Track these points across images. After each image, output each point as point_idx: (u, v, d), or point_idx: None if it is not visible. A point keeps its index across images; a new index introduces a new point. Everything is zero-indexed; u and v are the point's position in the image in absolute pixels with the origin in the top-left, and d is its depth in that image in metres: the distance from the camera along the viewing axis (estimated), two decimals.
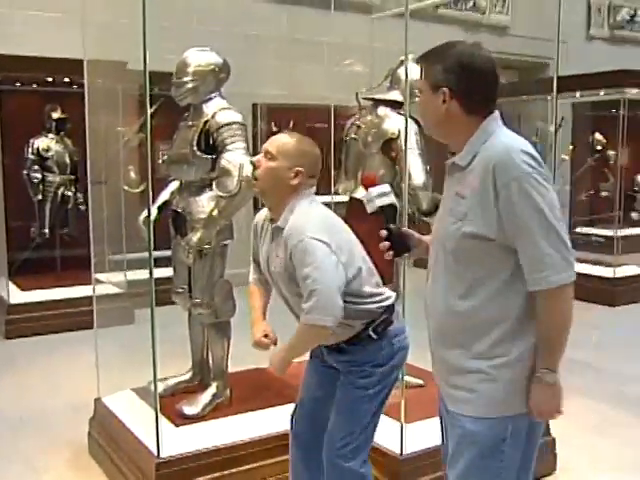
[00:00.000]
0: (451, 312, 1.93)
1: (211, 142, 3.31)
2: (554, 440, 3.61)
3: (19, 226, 6.55)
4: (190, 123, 3.42)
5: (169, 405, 3.32)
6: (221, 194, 3.21)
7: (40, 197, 6.60)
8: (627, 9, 11.42)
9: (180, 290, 3.60)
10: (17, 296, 6.27)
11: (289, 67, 8.22)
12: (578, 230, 10.75)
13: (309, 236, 2.26)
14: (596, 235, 9.87)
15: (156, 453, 3.04)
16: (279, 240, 2.37)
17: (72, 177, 6.81)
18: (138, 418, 3.42)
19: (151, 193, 3.09)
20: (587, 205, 10.77)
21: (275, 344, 2.52)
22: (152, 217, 3.47)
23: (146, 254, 6.45)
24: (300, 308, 2.31)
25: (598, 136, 10.30)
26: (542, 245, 1.79)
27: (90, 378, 4.33)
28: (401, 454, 3.04)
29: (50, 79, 6.57)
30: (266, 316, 2.63)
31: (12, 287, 6.33)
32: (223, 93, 3.48)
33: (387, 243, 2.07)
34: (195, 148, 3.32)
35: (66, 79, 6.62)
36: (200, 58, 3.41)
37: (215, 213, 3.23)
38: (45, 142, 6.62)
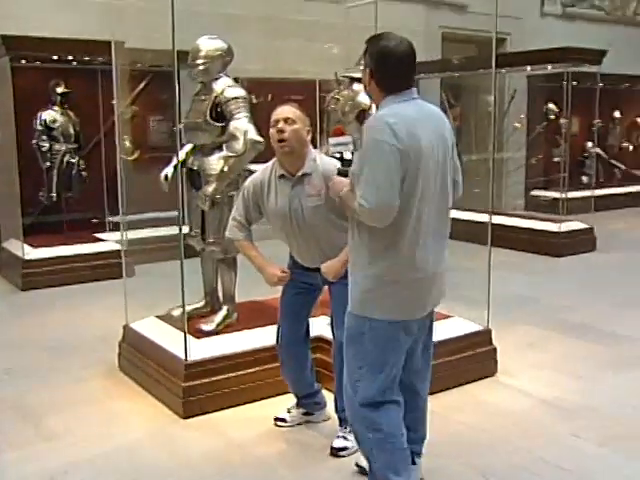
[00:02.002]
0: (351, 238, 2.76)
1: (220, 113, 4.12)
2: (495, 349, 4.51)
3: (29, 191, 7.20)
4: (202, 97, 4.21)
5: (189, 325, 4.14)
6: (230, 154, 4.03)
7: (48, 164, 7.31)
8: None
9: (194, 234, 4.41)
10: (30, 253, 7.00)
11: (268, 45, 8.97)
12: (533, 193, 11.77)
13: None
14: (545, 197, 10.87)
15: (184, 357, 3.90)
16: (309, 182, 3.20)
17: (75, 146, 7.54)
18: (164, 335, 4.27)
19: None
20: (541, 169, 11.68)
21: (291, 278, 3.40)
22: (170, 175, 4.30)
23: (141, 216, 7.23)
24: (330, 233, 3.22)
25: (551, 106, 11.21)
26: (362, 183, 2.49)
27: (106, 318, 5.41)
28: None
29: (55, 57, 7.23)
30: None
31: (25, 246, 7.06)
32: (228, 72, 4.28)
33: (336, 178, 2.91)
34: (208, 117, 4.13)
35: (69, 57, 7.34)
36: (210, 44, 4.21)
37: (226, 169, 4.04)
38: (51, 114, 7.31)
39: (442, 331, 4.32)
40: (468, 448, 3.49)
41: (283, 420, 3.76)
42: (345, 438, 3.44)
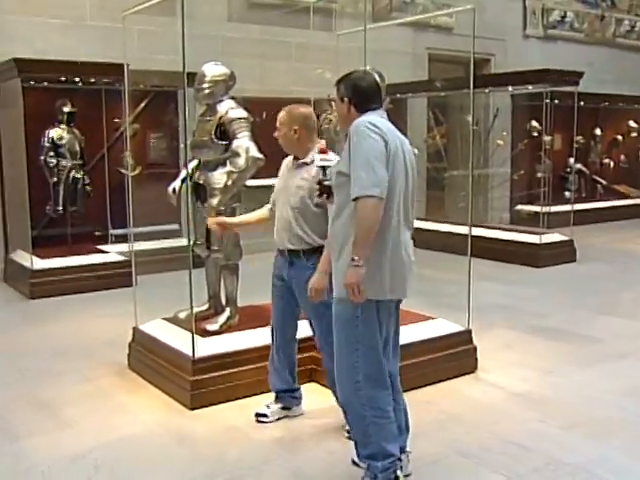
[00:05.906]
0: (331, 227, 3.15)
1: (224, 132, 4.54)
2: (475, 348, 4.92)
3: (36, 205, 7.57)
4: (208, 118, 4.62)
5: (195, 325, 4.53)
6: (233, 169, 4.45)
7: (55, 179, 7.73)
8: (558, 11, 12.94)
9: (199, 242, 4.81)
10: (38, 263, 7.38)
11: (262, 65, 9.43)
12: (517, 207, 12.21)
13: None
14: (528, 211, 11.30)
15: (191, 354, 4.29)
16: (306, 170, 3.71)
17: (80, 162, 7.96)
18: (172, 335, 4.66)
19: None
20: (526, 185, 12.12)
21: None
22: (178, 188, 4.71)
23: (142, 229, 7.64)
24: (304, 215, 3.69)
25: (534, 123, 11.70)
26: (358, 171, 2.86)
27: (112, 324, 5.85)
28: None
29: (62, 78, 7.66)
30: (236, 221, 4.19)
31: (33, 256, 7.44)
32: (230, 95, 4.71)
33: (317, 186, 3.36)
34: (213, 136, 4.55)
35: (75, 78, 7.77)
36: (215, 70, 4.63)
37: (229, 183, 4.46)
38: (58, 132, 7.73)
39: (426, 331, 4.76)
40: (447, 432, 3.89)
41: (264, 415, 4.06)
42: None
